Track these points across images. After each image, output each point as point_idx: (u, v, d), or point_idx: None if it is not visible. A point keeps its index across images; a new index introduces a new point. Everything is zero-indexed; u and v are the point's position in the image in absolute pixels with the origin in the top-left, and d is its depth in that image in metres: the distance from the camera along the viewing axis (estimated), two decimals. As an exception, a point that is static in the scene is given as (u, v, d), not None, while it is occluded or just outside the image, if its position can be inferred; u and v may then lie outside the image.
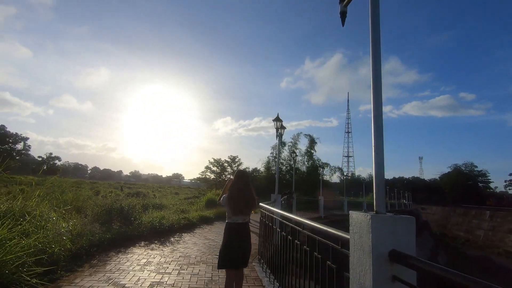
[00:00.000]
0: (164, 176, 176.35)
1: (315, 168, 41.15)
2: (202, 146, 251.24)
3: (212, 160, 42.31)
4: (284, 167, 41.20)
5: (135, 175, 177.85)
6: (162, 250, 6.00)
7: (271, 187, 34.95)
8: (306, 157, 41.83)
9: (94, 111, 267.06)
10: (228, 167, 41.78)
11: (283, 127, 10.73)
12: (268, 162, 41.08)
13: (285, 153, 41.73)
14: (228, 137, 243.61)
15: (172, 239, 7.19)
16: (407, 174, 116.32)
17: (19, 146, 71.15)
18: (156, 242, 6.67)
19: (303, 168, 41.04)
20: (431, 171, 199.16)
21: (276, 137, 10.67)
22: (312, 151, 42.28)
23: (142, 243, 6.42)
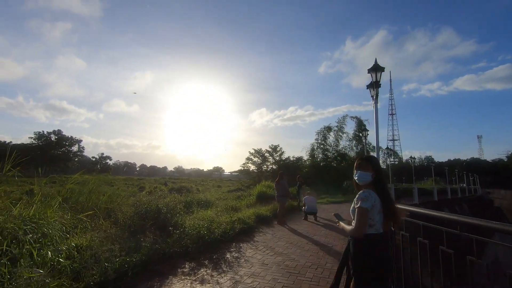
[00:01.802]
0: (205, 170, 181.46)
1: (365, 153, 37.04)
2: (240, 139, 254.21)
3: (252, 151, 40.72)
4: (331, 154, 37.94)
5: (179, 170, 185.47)
6: (217, 281, 3.75)
7: (318, 176, 32.41)
8: (354, 141, 38.05)
9: (139, 112, 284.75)
10: (270, 157, 39.78)
11: (376, 85, 6.93)
12: (312, 149, 38.06)
13: (331, 138, 38.41)
14: (264, 129, 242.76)
15: (228, 255, 4.95)
16: (464, 156, 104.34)
17: (75, 148, 76.71)
18: (206, 263, 4.46)
19: (352, 154, 37.40)
20: (493, 150, 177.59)
21: (372, 98, 7.32)
22: (361, 134, 38.12)
23: (187, 267, 4.24)
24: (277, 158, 39.33)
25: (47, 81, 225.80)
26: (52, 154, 68.74)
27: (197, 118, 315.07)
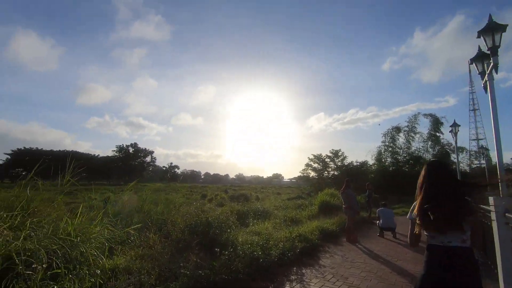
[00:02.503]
0: (265, 177, 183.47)
1: (444, 154, 31.82)
2: (298, 145, 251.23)
3: (312, 157, 38.80)
4: (401, 157, 33.63)
5: (240, 178, 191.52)
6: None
7: (387, 184, 28.83)
8: (430, 142, 33.03)
9: (203, 124, 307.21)
10: (331, 163, 37.29)
11: (494, 52, 4.05)
12: (379, 153, 34.30)
13: (401, 140, 34.13)
14: (323, 133, 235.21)
15: (287, 286, 3.95)
16: None
17: (148, 159, 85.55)
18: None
19: (427, 156, 32.47)
20: None
21: (481, 76, 4.89)
22: (437, 134, 32.97)
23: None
24: (339, 164, 36.62)
25: (127, 101, 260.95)
26: (131, 165, 77.80)
27: (256, 127, 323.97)
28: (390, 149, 33.66)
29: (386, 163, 33.72)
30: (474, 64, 5.11)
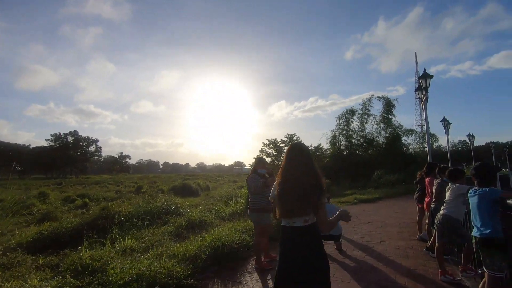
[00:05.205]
0: (226, 165, 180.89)
1: (396, 137, 31.53)
2: (260, 133, 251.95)
3: (266, 142, 36.83)
4: (355, 140, 32.99)
5: (201, 167, 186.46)
6: None
7: (341, 168, 27.71)
8: (382, 124, 32.70)
9: (164, 112, 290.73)
10: (286, 148, 35.68)
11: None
12: (334, 137, 33.24)
13: (355, 123, 33.37)
14: (284, 121, 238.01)
15: None
16: (503, 139, 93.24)
17: (92, 148, 77.01)
18: None
19: (380, 139, 32.22)
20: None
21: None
22: (390, 116, 32.49)
23: None
24: (294, 149, 35.06)
25: (80, 86, 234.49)
26: (71, 155, 69.18)
27: (217, 115, 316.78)
28: (344, 132, 32.66)
29: (341, 147, 32.89)
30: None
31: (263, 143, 37.35)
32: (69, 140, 69.24)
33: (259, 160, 4.22)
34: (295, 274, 1.81)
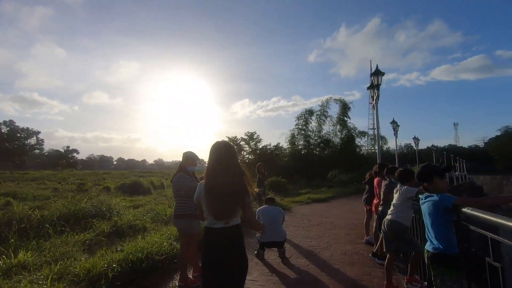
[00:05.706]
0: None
1: (350, 138, 33.07)
2: (222, 130, 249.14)
3: (226, 139, 35.94)
4: (313, 140, 33.79)
5: (158, 163, 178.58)
6: None
7: (299, 167, 28.03)
8: (338, 126, 33.92)
9: (120, 105, 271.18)
10: (246, 146, 35.20)
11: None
12: (293, 136, 33.66)
13: (313, 123, 34.17)
14: (247, 120, 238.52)
15: None
16: (441, 143, 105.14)
17: (32, 140, 68.66)
18: None
19: (336, 140, 33.41)
20: (469, 137, 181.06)
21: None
22: (345, 118, 33.92)
23: None
24: (254, 147, 34.77)
25: (22, 71, 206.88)
26: (6, 148, 60.90)
27: (178, 110, 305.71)
28: (303, 132, 33.31)
29: (299, 146, 33.43)
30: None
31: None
32: (2, 130, 60.77)
33: (188, 156, 3.49)
34: (221, 275, 1.82)
